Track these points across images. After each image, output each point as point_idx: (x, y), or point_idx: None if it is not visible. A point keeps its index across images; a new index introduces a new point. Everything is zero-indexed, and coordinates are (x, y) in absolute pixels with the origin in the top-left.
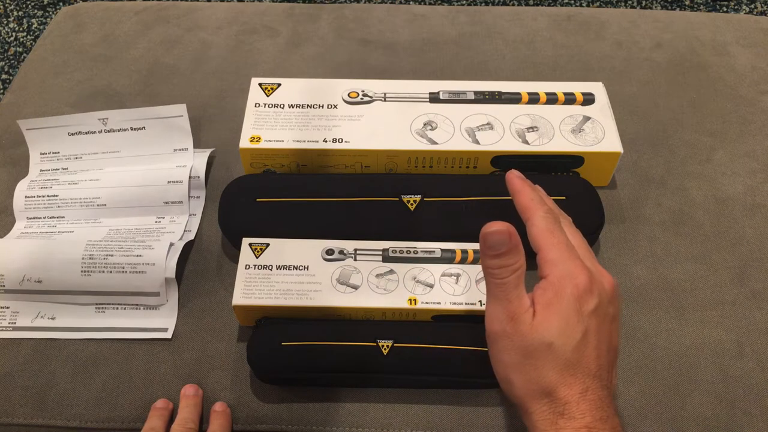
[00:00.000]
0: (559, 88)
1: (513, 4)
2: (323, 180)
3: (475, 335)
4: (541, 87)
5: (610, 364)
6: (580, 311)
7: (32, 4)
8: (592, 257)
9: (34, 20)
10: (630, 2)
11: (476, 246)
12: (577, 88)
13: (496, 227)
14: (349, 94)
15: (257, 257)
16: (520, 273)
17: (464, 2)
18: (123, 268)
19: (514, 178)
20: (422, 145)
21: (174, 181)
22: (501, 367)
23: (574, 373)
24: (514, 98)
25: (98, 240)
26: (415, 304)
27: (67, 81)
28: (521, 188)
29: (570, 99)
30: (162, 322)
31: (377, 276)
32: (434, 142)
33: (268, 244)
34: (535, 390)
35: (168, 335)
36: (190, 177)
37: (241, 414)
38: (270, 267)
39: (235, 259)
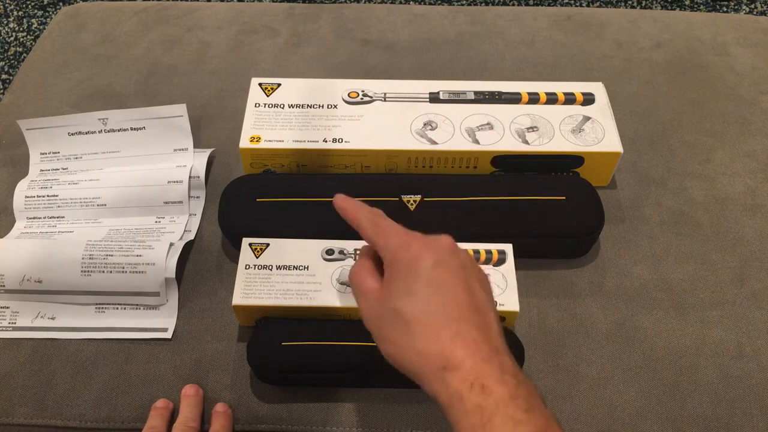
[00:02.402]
0: (559, 88)
1: (513, 4)
2: (323, 180)
3: None
4: (541, 87)
5: (475, 307)
6: (417, 269)
7: (32, 4)
8: (422, 234)
9: (34, 20)
10: (630, 2)
11: (476, 246)
12: (577, 88)
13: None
14: (349, 94)
15: (257, 257)
16: (357, 268)
17: (464, 2)
18: (123, 268)
19: (337, 199)
20: (422, 145)
21: (174, 181)
22: (381, 349)
23: (434, 324)
24: (514, 98)
25: (98, 240)
26: None
27: (67, 81)
28: (344, 205)
29: (570, 99)
30: (162, 322)
31: None
32: (434, 142)
33: (268, 244)
34: (409, 357)
35: (168, 335)
36: (190, 177)
37: (242, 414)
38: (270, 267)
39: (235, 259)
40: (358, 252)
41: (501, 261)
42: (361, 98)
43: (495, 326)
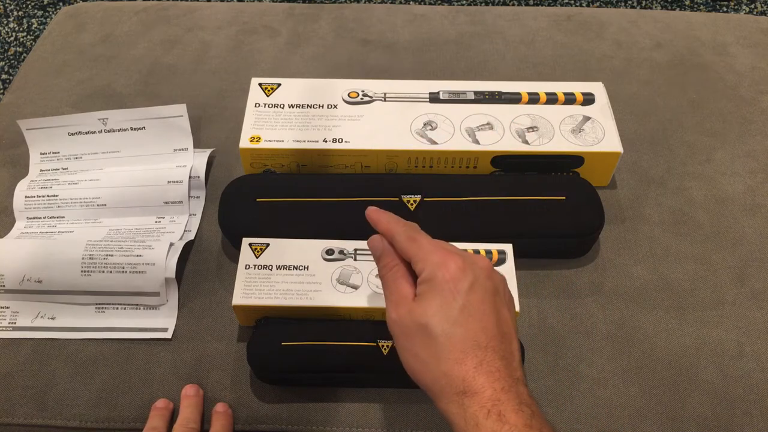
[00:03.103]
0: (559, 88)
1: (513, 4)
2: (323, 180)
3: None
4: (541, 87)
5: (503, 335)
6: (455, 290)
7: (32, 4)
8: (460, 250)
9: (34, 20)
10: (630, 2)
11: (476, 246)
12: (577, 88)
13: (371, 238)
14: (349, 94)
15: (257, 257)
16: (396, 270)
17: (464, 2)
18: (123, 268)
19: (370, 212)
20: (422, 145)
21: (174, 181)
22: (402, 357)
23: (462, 349)
24: (514, 98)
25: (98, 240)
26: None
27: (67, 81)
28: (378, 217)
29: (570, 99)
30: (162, 322)
31: (377, 276)
32: (434, 142)
33: (268, 244)
34: (432, 375)
35: (168, 335)
36: (190, 177)
37: (242, 414)
38: (270, 267)
39: (235, 259)
40: (359, 251)
41: (501, 261)
42: (361, 98)
43: (516, 354)
